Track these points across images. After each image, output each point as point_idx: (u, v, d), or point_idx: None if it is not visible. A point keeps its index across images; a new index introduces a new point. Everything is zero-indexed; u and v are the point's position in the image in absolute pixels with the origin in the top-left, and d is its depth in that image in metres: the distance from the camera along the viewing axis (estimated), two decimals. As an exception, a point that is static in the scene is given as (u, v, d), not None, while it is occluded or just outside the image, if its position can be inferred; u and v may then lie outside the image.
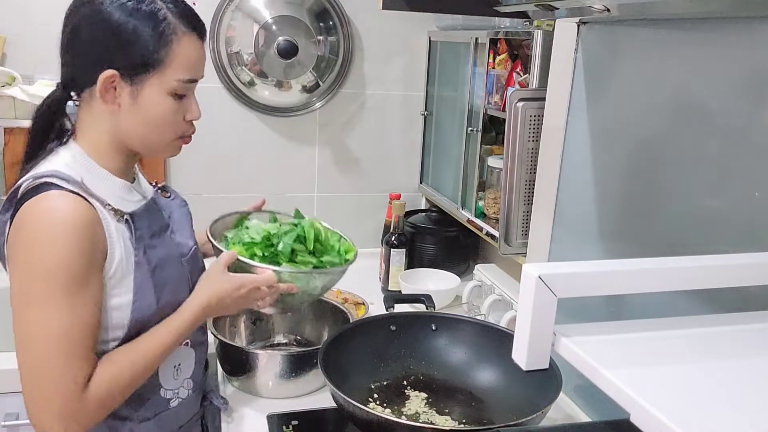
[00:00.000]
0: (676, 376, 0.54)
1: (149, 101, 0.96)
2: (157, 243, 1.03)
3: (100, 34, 0.94)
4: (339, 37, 1.96)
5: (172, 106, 0.98)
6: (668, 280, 0.61)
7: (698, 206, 0.95)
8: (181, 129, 1.02)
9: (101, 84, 0.94)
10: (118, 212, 0.97)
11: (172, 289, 1.04)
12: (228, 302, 1.06)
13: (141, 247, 0.99)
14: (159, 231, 1.05)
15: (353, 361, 1.20)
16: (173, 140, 1.03)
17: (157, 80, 0.95)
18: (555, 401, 1.02)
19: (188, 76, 0.98)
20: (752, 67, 0.86)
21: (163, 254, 1.03)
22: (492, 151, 1.64)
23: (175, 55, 0.95)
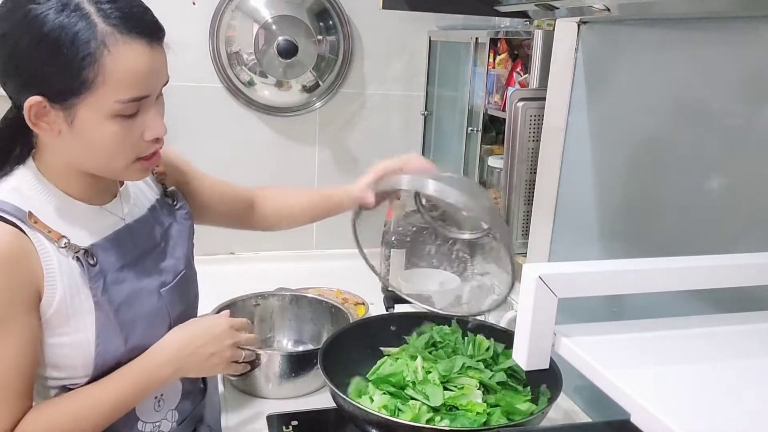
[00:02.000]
0: (676, 376, 0.54)
1: (87, 128, 0.80)
2: (127, 276, 0.91)
3: (22, 51, 0.77)
4: (339, 36, 1.96)
5: (118, 129, 0.81)
6: (668, 280, 0.61)
7: (698, 206, 0.95)
8: (137, 150, 0.85)
9: (27, 112, 0.79)
10: (71, 247, 0.85)
11: (144, 328, 0.93)
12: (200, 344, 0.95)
13: (99, 285, 0.87)
14: (134, 260, 0.93)
15: (353, 361, 1.20)
16: (131, 163, 0.86)
17: (91, 104, 0.79)
18: (555, 401, 1.02)
19: (131, 95, 0.80)
20: (752, 67, 0.86)
21: (132, 289, 0.91)
22: (492, 151, 1.64)
23: (109, 73, 0.77)
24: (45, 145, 0.87)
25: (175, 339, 0.94)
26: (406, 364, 1.13)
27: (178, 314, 0.99)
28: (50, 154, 0.87)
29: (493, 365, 1.15)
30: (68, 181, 0.88)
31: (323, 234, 2.10)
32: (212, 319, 1.01)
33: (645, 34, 1.05)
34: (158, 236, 0.99)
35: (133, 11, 0.80)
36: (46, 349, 0.87)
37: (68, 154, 0.86)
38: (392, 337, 1.27)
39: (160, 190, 1.04)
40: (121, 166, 0.86)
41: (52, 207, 0.86)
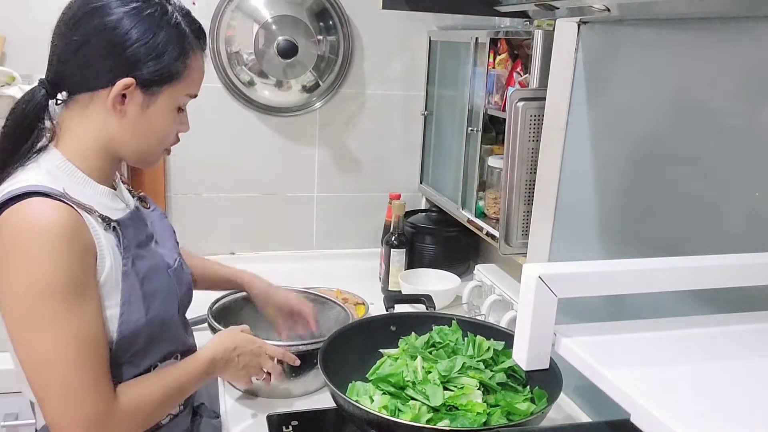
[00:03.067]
0: (676, 376, 0.54)
1: (157, 113, 0.96)
2: (144, 253, 0.99)
3: (127, 42, 0.90)
4: (339, 36, 1.96)
5: (173, 120, 0.99)
6: (668, 280, 0.61)
7: (698, 206, 0.95)
8: (171, 142, 1.03)
9: (115, 90, 0.91)
10: (105, 219, 0.93)
11: (162, 301, 1.00)
12: (238, 353, 1.09)
13: (129, 256, 0.95)
14: (145, 241, 1.02)
15: (353, 362, 1.20)
16: (162, 151, 1.03)
17: (170, 93, 0.95)
18: (555, 401, 1.02)
19: (195, 91, 1.00)
20: (752, 67, 0.86)
21: (150, 265, 0.99)
22: (492, 151, 1.64)
23: (190, 70, 0.96)
24: (74, 130, 0.95)
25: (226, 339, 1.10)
26: (406, 364, 1.13)
27: (182, 295, 1.08)
28: (83, 136, 0.95)
29: (493, 365, 1.15)
30: (91, 163, 0.96)
31: (323, 234, 2.11)
32: (251, 336, 1.15)
33: (645, 34, 1.05)
34: (149, 228, 1.07)
35: (200, 27, 1.01)
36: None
37: (114, 136, 0.95)
38: (393, 337, 1.27)
39: (134, 194, 1.11)
40: (158, 152, 1.02)
41: (79, 186, 0.94)
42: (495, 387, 1.11)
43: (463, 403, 1.06)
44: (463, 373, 1.11)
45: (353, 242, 2.15)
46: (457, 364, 1.11)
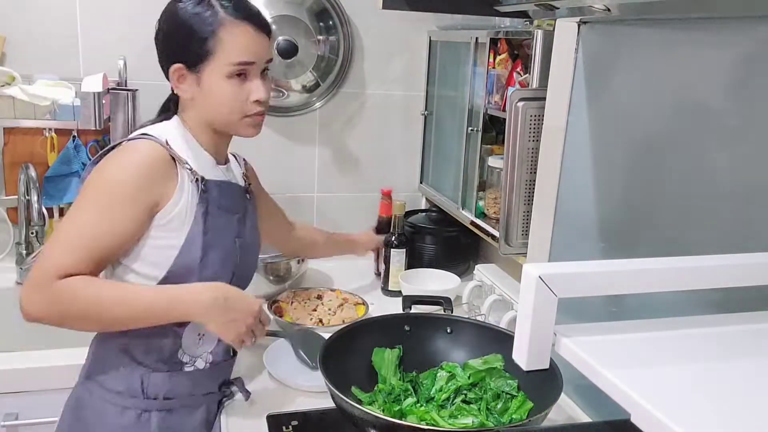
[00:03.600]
0: (676, 376, 0.54)
1: (210, 86, 1.11)
2: (220, 214, 1.15)
3: (169, 34, 1.12)
4: (339, 36, 1.96)
5: (232, 88, 1.11)
6: (668, 280, 0.61)
7: (698, 206, 0.95)
8: (245, 108, 1.13)
9: (171, 76, 1.12)
10: (193, 172, 1.11)
11: (218, 257, 1.13)
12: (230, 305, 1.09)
13: (203, 207, 1.11)
14: (227, 208, 1.17)
15: (356, 362, 1.20)
16: (240, 119, 1.14)
17: (213, 67, 1.09)
18: (555, 401, 1.02)
19: (239, 59, 1.09)
20: (752, 67, 0.86)
21: (220, 224, 1.14)
22: (492, 151, 1.64)
23: (225, 43, 1.08)
24: (185, 106, 1.17)
25: (218, 286, 1.10)
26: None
27: (240, 269, 1.20)
28: (188, 112, 1.17)
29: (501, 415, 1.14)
30: (199, 133, 1.17)
31: (323, 234, 2.10)
32: (250, 296, 1.15)
33: (645, 34, 1.05)
34: (241, 208, 1.23)
35: (242, 5, 1.12)
36: (153, 249, 1.09)
37: (200, 112, 1.15)
38: (393, 337, 1.26)
39: (245, 183, 1.30)
40: (235, 119, 1.14)
41: (185, 145, 1.14)
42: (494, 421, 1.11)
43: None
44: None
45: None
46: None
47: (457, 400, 1.14)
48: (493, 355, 1.19)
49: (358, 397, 1.14)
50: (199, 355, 1.19)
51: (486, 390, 1.15)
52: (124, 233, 1.06)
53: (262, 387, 1.34)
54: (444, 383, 1.17)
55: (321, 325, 1.58)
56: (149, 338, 1.13)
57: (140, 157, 1.07)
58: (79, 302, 1.02)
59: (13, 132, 1.79)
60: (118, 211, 1.05)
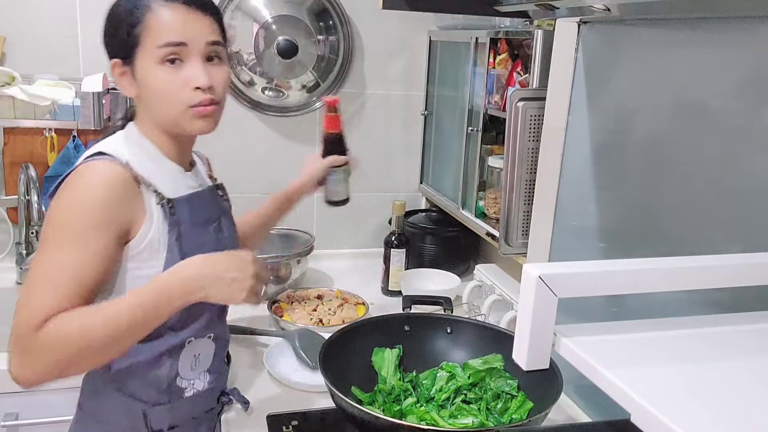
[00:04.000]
0: (676, 376, 0.54)
1: (144, 76, 1.00)
2: (195, 234, 1.05)
3: (105, 29, 1.03)
4: (339, 36, 1.96)
5: (166, 74, 0.99)
6: (668, 280, 0.61)
7: (698, 206, 0.95)
8: (186, 97, 1.01)
9: (111, 73, 1.03)
10: (159, 195, 1.01)
11: None
12: (221, 266, 0.99)
13: (175, 232, 1.02)
14: (203, 222, 1.08)
15: (357, 361, 1.20)
16: (184, 110, 1.01)
17: (143, 54, 0.99)
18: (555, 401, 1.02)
19: (166, 40, 0.98)
20: (752, 67, 0.86)
21: (198, 244, 1.03)
22: (492, 150, 1.64)
23: (150, 27, 0.98)
24: (138, 108, 1.07)
25: (198, 259, 1.00)
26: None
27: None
28: (141, 115, 1.06)
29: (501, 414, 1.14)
30: (159, 140, 1.06)
31: (323, 234, 2.10)
32: (237, 251, 1.06)
33: (645, 34, 1.05)
34: (216, 213, 1.13)
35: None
36: (133, 281, 0.99)
37: (147, 113, 1.04)
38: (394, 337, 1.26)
39: (211, 181, 1.19)
40: (176, 112, 1.01)
41: (146, 158, 1.03)
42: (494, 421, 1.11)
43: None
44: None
45: (353, 242, 2.15)
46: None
47: (457, 400, 1.14)
48: (493, 355, 1.19)
49: (358, 397, 1.14)
50: (197, 377, 1.11)
51: (486, 390, 1.15)
52: (105, 260, 0.95)
53: (262, 387, 1.34)
54: (444, 383, 1.17)
55: (321, 325, 1.58)
56: (144, 373, 1.05)
57: (100, 178, 0.96)
58: (69, 340, 0.90)
59: (13, 132, 1.79)
60: (92, 239, 0.93)
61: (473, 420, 1.09)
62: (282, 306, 1.66)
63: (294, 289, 1.76)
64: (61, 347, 0.90)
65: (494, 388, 1.15)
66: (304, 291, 1.76)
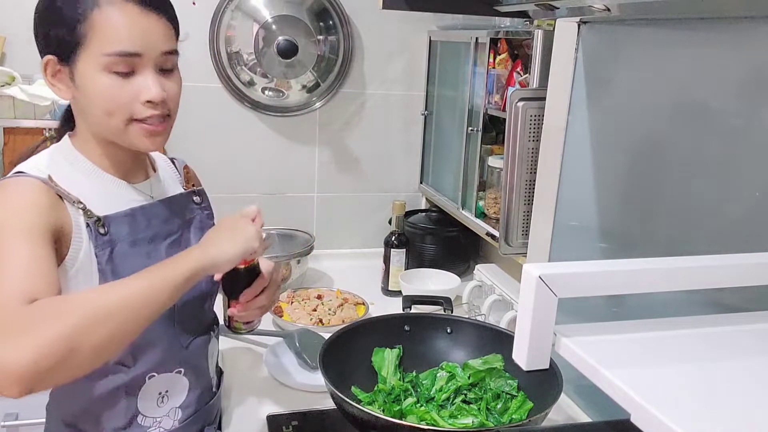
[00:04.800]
0: (676, 376, 0.54)
1: (84, 82, 0.88)
2: (137, 252, 0.94)
3: (37, 20, 0.91)
4: (339, 36, 1.96)
5: (111, 84, 0.88)
6: (668, 280, 0.61)
7: (699, 206, 0.95)
8: (130, 110, 0.90)
9: (43, 70, 0.91)
10: (87, 213, 0.90)
11: None
12: (221, 228, 0.93)
13: (105, 254, 0.90)
14: (150, 238, 0.97)
15: (357, 361, 1.20)
16: (126, 124, 0.90)
17: (85, 58, 0.87)
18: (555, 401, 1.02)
19: (117, 49, 0.86)
20: (752, 67, 0.86)
21: (139, 266, 0.88)
22: (492, 150, 1.64)
23: (97, 28, 0.86)
24: (75, 113, 0.96)
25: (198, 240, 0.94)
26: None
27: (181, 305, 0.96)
28: (80, 126, 0.96)
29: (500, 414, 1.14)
30: (97, 152, 0.96)
31: (323, 234, 2.10)
32: (229, 218, 0.96)
33: (645, 34, 1.05)
34: (176, 226, 1.03)
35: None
36: None
37: (83, 119, 0.94)
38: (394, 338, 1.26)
39: (185, 186, 1.10)
40: (119, 125, 0.91)
41: (77, 175, 0.94)
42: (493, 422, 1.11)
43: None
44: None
45: (353, 242, 2.16)
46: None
47: (457, 400, 1.14)
48: (493, 355, 1.19)
49: (358, 397, 1.14)
50: (165, 415, 1.01)
51: (486, 390, 1.15)
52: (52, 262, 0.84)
53: (262, 387, 1.34)
54: (444, 383, 1.17)
55: (321, 325, 1.58)
56: (97, 409, 0.95)
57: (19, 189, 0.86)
58: (71, 306, 0.76)
59: (13, 132, 1.79)
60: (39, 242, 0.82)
61: (473, 420, 1.09)
62: (282, 306, 1.66)
63: (294, 289, 1.76)
64: (62, 314, 0.74)
65: (494, 388, 1.15)
66: (304, 291, 1.76)
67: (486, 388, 1.15)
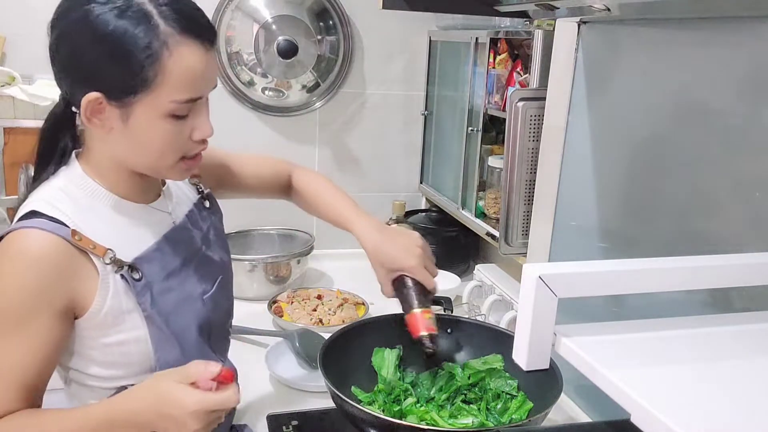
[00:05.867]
0: (676, 376, 0.54)
1: (142, 126, 0.82)
2: (173, 284, 0.92)
3: (83, 48, 0.80)
4: (339, 36, 1.96)
5: (171, 129, 0.83)
6: (668, 280, 0.61)
7: (699, 206, 0.95)
8: (184, 149, 0.87)
9: (84, 108, 0.81)
10: (116, 262, 0.85)
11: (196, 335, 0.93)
12: (164, 416, 0.80)
13: (147, 299, 0.87)
14: (180, 266, 0.94)
15: (357, 361, 1.20)
16: (176, 162, 0.88)
17: (148, 103, 0.81)
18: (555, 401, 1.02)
19: (186, 96, 0.82)
20: (752, 67, 0.86)
21: (179, 297, 0.91)
22: (492, 151, 1.64)
23: (169, 73, 0.79)
24: (92, 143, 0.88)
25: (143, 398, 0.82)
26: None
27: (218, 321, 1.00)
28: (97, 152, 0.88)
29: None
30: (114, 179, 0.89)
31: (323, 234, 2.10)
32: (184, 396, 0.79)
33: (645, 34, 1.05)
34: (199, 241, 1.00)
35: (190, 13, 0.82)
36: (101, 349, 0.87)
37: (116, 152, 0.87)
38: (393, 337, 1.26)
39: (196, 194, 1.06)
40: (168, 165, 0.87)
41: (100, 208, 0.88)
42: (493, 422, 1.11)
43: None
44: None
45: (353, 242, 2.14)
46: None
47: (457, 400, 1.14)
48: (493, 356, 1.19)
49: (358, 397, 1.14)
50: None
51: (486, 390, 1.15)
52: (49, 345, 0.83)
53: (262, 387, 1.34)
54: (444, 383, 1.17)
55: (321, 325, 1.58)
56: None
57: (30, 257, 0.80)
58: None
59: (13, 132, 1.79)
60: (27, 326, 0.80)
61: (473, 420, 1.09)
62: (282, 306, 1.66)
63: (294, 289, 1.76)
64: None
65: (494, 388, 1.15)
66: (304, 291, 1.76)
67: (486, 389, 1.15)
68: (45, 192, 0.87)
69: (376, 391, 1.16)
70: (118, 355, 0.88)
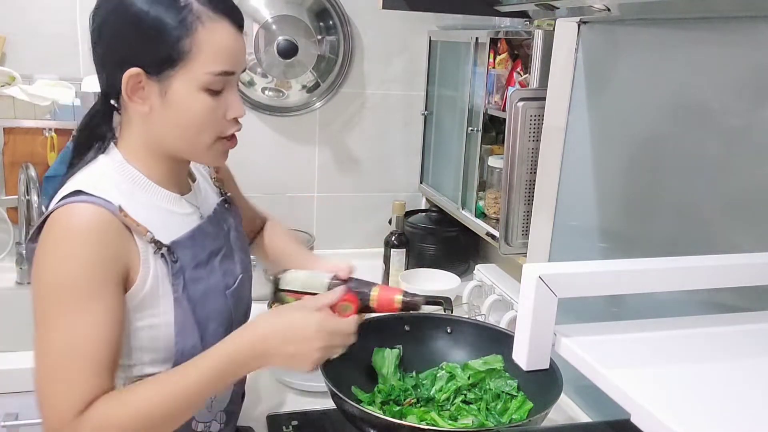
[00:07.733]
0: (676, 376, 0.54)
1: (180, 99, 0.87)
2: (202, 274, 0.95)
3: (121, 29, 0.86)
4: (339, 36, 1.96)
5: (208, 103, 0.88)
6: (668, 280, 0.61)
7: (698, 206, 0.95)
8: (220, 127, 0.91)
9: (126, 84, 0.86)
10: (156, 243, 0.89)
11: (215, 327, 0.95)
12: (283, 341, 0.88)
13: (180, 282, 0.90)
14: (206, 258, 0.97)
15: (357, 361, 1.20)
16: (213, 142, 0.92)
17: (185, 75, 0.86)
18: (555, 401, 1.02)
19: (221, 68, 0.87)
20: (752, 67, 0.86)
21: (206, 288, 0.94)
22: (492, 151, 1.64)
23: (203, 45, 0.85)
24: (130, 132, 0.92)
25: (261, 328, 0.89)
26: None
27: (237, 318, 1.01)
28: (135, 138, 0.92)
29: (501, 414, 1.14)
30: (151, 165, 0.93)
31: (323, 234, 2.11)
32: (308, 316, 0.91)
33: (645, 34, 1.05)
34: (222, 239, 1.03)
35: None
36: (134, 333, 0.89)
37: (156, 133, 0.91)
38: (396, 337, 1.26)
39: (219, 195, 1.09)
40: (207, 143, 0.92)
41: (139, 194, 0.91)
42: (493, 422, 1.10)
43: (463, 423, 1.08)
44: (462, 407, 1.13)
45: (353, 242, 2.15)
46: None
47: (457, 401, 1.14)
48: (493, 356, 1.19)
49: (358, 397, 1.14)
50: (213, 418, 1.02)
51: (486, 390, 1.15)
52: (119, 314, 0.85)
53: (262, 387, 1.34)
54: (444, 383, 1.17)
55: (321, 325, 1.58)
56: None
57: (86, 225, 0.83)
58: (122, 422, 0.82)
59: (13, 132, 1.79)
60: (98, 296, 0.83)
61: (473, 420, 1.09)
62: (282, 306, 1.66)
63: (294, 289, 1.76)
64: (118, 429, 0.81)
65: (494, 388, 1.15)
66: (304, 291, 1.76)
67: (486, 389, 1.15)
68: (86, 175, 0.90)
69: (376, 391, 1.16)
70: (146, 340, 0.90)
